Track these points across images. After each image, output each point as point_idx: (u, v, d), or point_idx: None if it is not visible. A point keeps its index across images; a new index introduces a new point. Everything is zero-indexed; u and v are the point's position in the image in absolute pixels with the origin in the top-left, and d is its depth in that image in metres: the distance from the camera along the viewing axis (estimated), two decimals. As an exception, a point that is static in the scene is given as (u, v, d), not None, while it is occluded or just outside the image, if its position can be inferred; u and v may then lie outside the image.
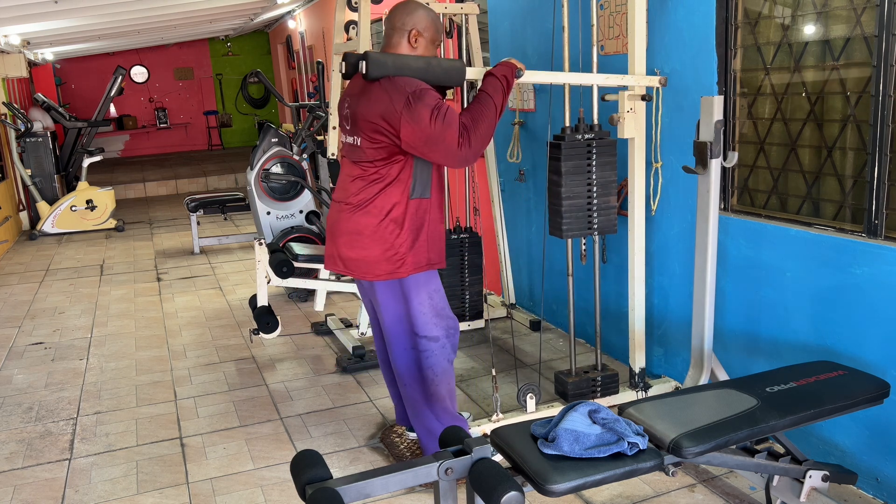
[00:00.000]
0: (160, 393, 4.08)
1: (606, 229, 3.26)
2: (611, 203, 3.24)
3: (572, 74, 3.11)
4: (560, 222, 3.18)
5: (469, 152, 2.56)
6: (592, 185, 3.19)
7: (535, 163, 4.67)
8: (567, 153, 3.11)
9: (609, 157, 3.20)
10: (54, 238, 8.72)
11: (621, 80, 3.11)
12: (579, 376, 3.38)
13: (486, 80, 2.72)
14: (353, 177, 2.75)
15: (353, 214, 2.73)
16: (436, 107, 2.52)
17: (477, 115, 2.60)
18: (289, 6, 10.47)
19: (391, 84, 2.57)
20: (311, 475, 1.90)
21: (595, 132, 3.18)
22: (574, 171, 3.14)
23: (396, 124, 2.53)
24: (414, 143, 2.55)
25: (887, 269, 2.56)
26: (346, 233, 2.76)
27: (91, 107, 14.27)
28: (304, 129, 6.36)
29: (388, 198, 2.68)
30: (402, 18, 2.70)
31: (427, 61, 2.65)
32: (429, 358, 2.86)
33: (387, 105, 2.54)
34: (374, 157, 2.66)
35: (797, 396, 2.31)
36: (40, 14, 6.62)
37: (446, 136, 2.51)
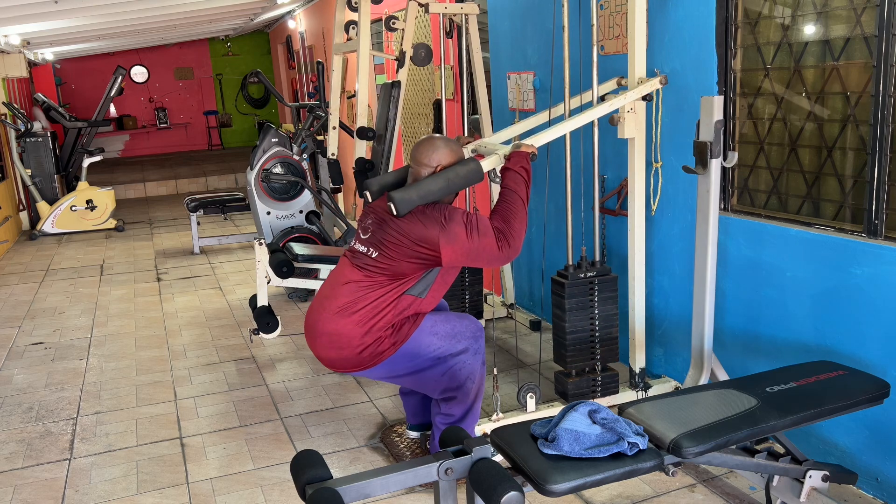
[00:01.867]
0: (160, 393, 4.08)
1: (609, 359, 3.41)
2: (613, 334, 3.39)
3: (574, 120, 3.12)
4: (564, 354, 3.33)
5: (510, 251, 2.72)
6: (595, 319, 3.34)
7: (536, 162, 4.66)
8: (570, 291, 3.26)
9: (611, 293, 3.34)
10: (54, 238, 8.72)
11: (623, 102, 3.10)
12: (579, 376, 3.38)
13: (506, 175, 2.85)
14: (348, 281, 2.77)
15: (335, 316, 2.74)
16: (468, 222, 2.67)
17: (508, 215, 2.76)
18: (289, 6, 10.47)
19: (422, 214, 2.68)
20: (311, 475, 1.90)
21: (597, 269, 3.31)
22: (577, 307, 3.29)
23: (436, 248, 2.64)
24: (457, 260, 2.69)
25: (887, 269, 2.57)
26: (324, 333, 2.77)
27: (91, 107, 14.26)
28: (304, 129, 6.36)
29: (377, 305, 2.70)
30: (429, 155, 2.80)
31: (446, 178, 2.74)
32: (463, 368, 2.85)
33: (422, 233, 2.65)
34: (387, 271, 2.70)
35: (797, 396, 2.31)
36: (40, 14, 6.62)
37: (486, 245, 2.68)
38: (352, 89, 7.71)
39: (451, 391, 2.87)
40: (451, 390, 2.87)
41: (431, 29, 5.93)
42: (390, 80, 5.04)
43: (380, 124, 4.55)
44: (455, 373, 2.84)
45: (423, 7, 4.33)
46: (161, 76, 16.18)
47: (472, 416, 2.95)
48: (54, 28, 7.93)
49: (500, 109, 4.95)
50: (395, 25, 4.69)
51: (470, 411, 2.93)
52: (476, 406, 2.95)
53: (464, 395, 2.88)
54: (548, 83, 4.34)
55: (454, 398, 2.89)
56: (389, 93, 4.42)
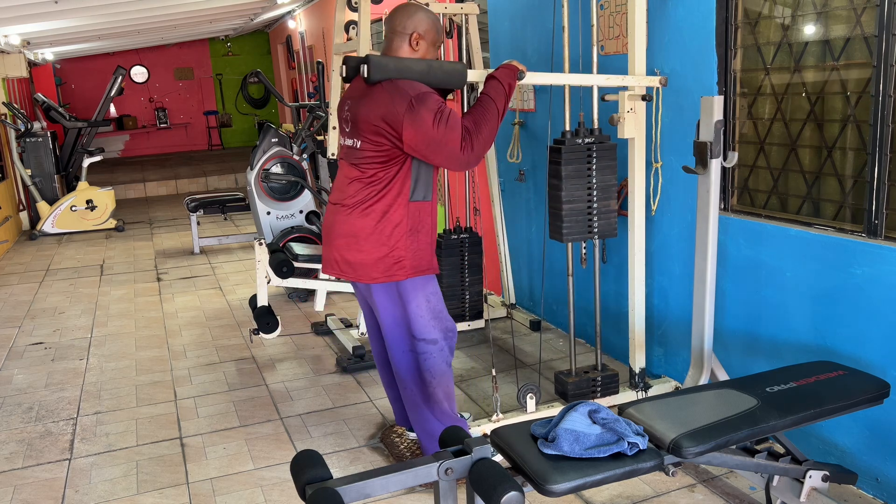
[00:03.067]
0: (160, 393, 4.08)
1: (607, 233, 3.27)
2: (611, 207, 3.24)
3: (573, 76, 3.11)
4: (560, 226, 3.19)
5: (472, 155, 2.57)
6: (593, 189, 3.19)
7: (535, 163, 4.67)
8: (567, 157, 3.12)
9: (609, 161, 3.20)
10: (54, 238, 8.72)
11: (622, 81, 3.11)
12: (579, 376, 3.38)
13: (488, 83, 2.72)
14: (351, 179, 2.73)
15: (350, 217, 2.71)
16: (438, 110, 2.53)
17: (479, 118, 2.61)
18: (289, 6, 10.47)
19: (393, 87, 2.57)
20: (311, 475, 1.90)
21: (595, 136, 3.18)
22: (574, 175, 3.14)
23: (399, 127, 2.53)
24: (416, 146, 2.56)
25: (887, 269, 2.56)
26: (342, 235, 2.74)
27: (91, 107, 14.27)
28: (304, 129, 6.36)
29: (387, 200, 2.66)
30: (403, 21, 2.70)
31: (428, 64, 2.65)
32: (427, 360, 2.85)
33: (389, 107, 2.54)
34: (373, 159, 2.64)
35: (797, 396, 2.31)
36: (40, 14, 6.62)
37: (449, 140, 2.52)
38: (352, 89, 7.69)
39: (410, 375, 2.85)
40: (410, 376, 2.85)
41: (431, 29, 5.92)
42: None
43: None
44: (418, 360, 2.83)
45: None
46: (161, 76, 16.18)
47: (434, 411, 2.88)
48: (54, 28, 7.93)
49: (500, 109, 4.94)
50: (395, 25, 4.69)
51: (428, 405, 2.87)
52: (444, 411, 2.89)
53: (421, 387, 2.86)
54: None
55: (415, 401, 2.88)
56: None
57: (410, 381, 2.89)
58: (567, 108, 3.27)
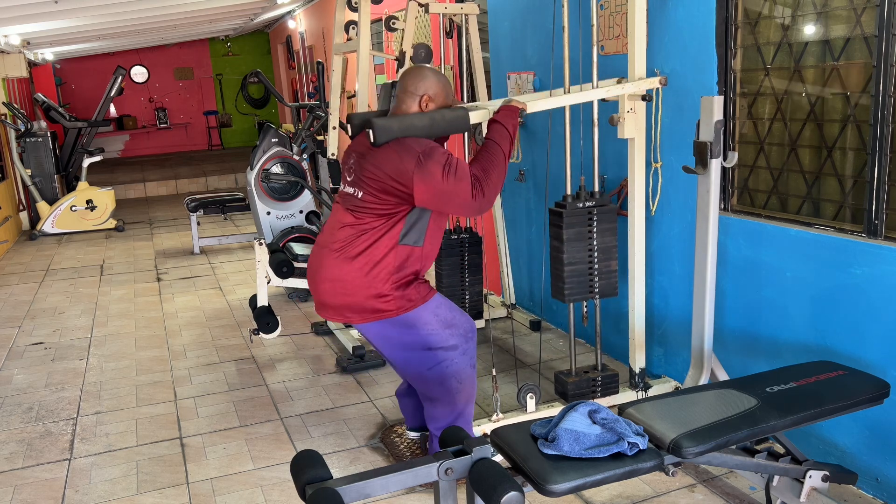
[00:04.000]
0: (160, 393, 4.08)
1: (607, 293, 3.34)
2: (611, 267, 3.31)
3: (572, 96, 3.10)
4: (562, 287, 3.26)
5: (483, 202, 2.61)
6: (594, 251, 3.27)
7: (535, 163, 4.67)
8: (569, 221, 3.19)
9: (610, 224, 3.27)
10: (54, 238, 8.72)
11: (622, 90, 3.10)
12: (579, 376, 3.38)
13: (491, 127, 2.77)
14: (344, 224, 2.74)
15: (337, 261, 2.71)
16: (446, 163, 2.57)
17: (487, 164, 2.66)
18: (289, 6, 10.47)
19: (399, 145, 2.61)
20: (311, 475, 1.90)
21: (596, 199, 3.25)
22: (576, 237, 3.22)
23: (409, 183, 2.57)
24: (428, 200, 2.60)
25: (887, 269, 2.57)
26: (327, 280, 2.74)
27: (91, 107, 14.26)
28: (304, 129, 6.36)
29: (377, 247, 2.67)
30: (415, 83, 2.75)
31: (431, 118, 2.69)
32: (450, 366, 2.81)
33: (398, 165, 2.57)
34: (372, 211, 2.67)
35: (797, 396, 2.31)
36: (40, 14, 6.62)
37: (460, 190, 2.57)
38: (352, 89, 7.71)
39: (436, 387, 2.83)
40: (434, 387, 2.83)
41: (431, 29, 5.93)
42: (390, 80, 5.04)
43: (380, 124, 4.54)
44: (442, 369, 2.80)
45: (423, 7, 4.33)
46: (161, 76, 16.18)
47: (463, 421, 2.91)
48: (54, 28, 7.93)
49: (500, 109, 4.94)
50: (395, 25, 4.69)
51: (460, 416, 2.89)
52: (466, 412, 2.91)
53: (447, 394, 2.84)
54: (548, 83, 4.33)
55: (438, 399, 2.86)
56: (389, 93, 4.42)
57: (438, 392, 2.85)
58: (567, 113, 3.26)
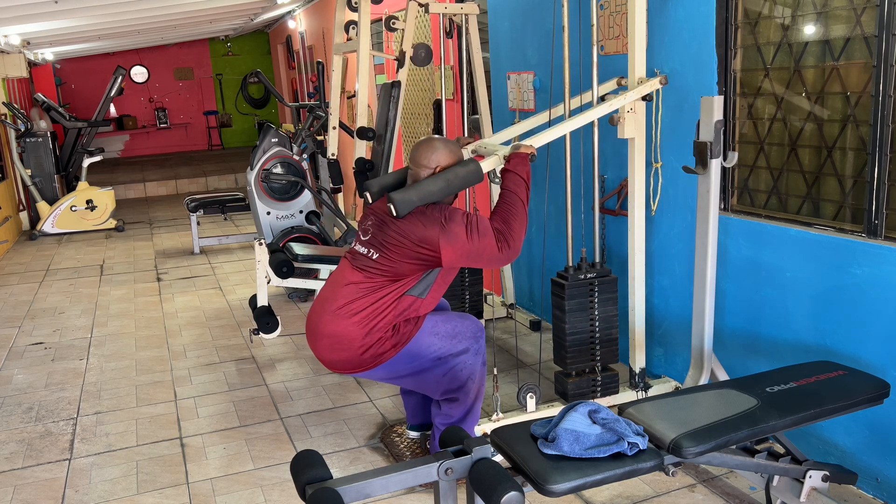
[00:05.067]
0: (160, 393, 4.08)
1: (609, 360, 3.40)
2: (613, 335, 3.38)
3: (574, 120, 3.12)
4: (565, 356, 3.32)
5: (510, 252, 2.72)
6: (595, 321, 3.33)
7: (536, 163, 4.66)
8: (570, 292, 3.26)
9: (611, 293, 3.34)
10: (54, 238, 8.72)
11: (623, 101, 3.10)
12: (579, 376, 3.38)
13: (505, 177, 2.85)
14: (349, 282, 2.77)
15: (335, 318, 2.74)
16: (468, 223, 2.67)
17: (507, 215, 2.76)
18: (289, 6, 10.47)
19: (422, 214, 2.69)
20: (311, 475, 1.90)
21: (597, 270, 3.31)
22: (577, 308, 3.29)
23: (437, 249, 2.64)
24: (456, 260, 2.68)
25: (887, 269, 2.56)
26: (325, 336, 2.77)
27: (91, 107, 14.26)
28: (304, 129, 6.36)
29: (381, 304, 2.71)
30: (428, 156, 2.81)
31: (445, 179, 2.75)
32: (465, 369, 2.85)
33: (422, 233, 2.65)
34: (387, 273, 2.70)
35: (797, 396, 2.31)
36: (40, 14, 6.62)
37: (486, 246, 2.68)
38: (352, 89, 7.71)
39: (452, 392, 2.88)
40: (453, 391, 2.87)
41: (431, 29, 5.93)
42: (390, 80, 5.04)
43: (380, 124, 4.55)
44: (456, 373, 2.84)
45: (423, 7, 4.33)
46: (161, 76, 16.18)
47: (472, 416, 2.95)
48: (54, 28, 7.93)
49: (500, 109, 4.95)
50: (395, 25, 4.69)
51: (470, 412, 2.93)
52: (476, 407, 2.95)
53: (465, 395, 2.88)
54: (548, 83, 4.34)
55: (455, 399, 2.89)
56: (389, 93, 4.42)
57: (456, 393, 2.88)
58: (568, 147, 3.26)
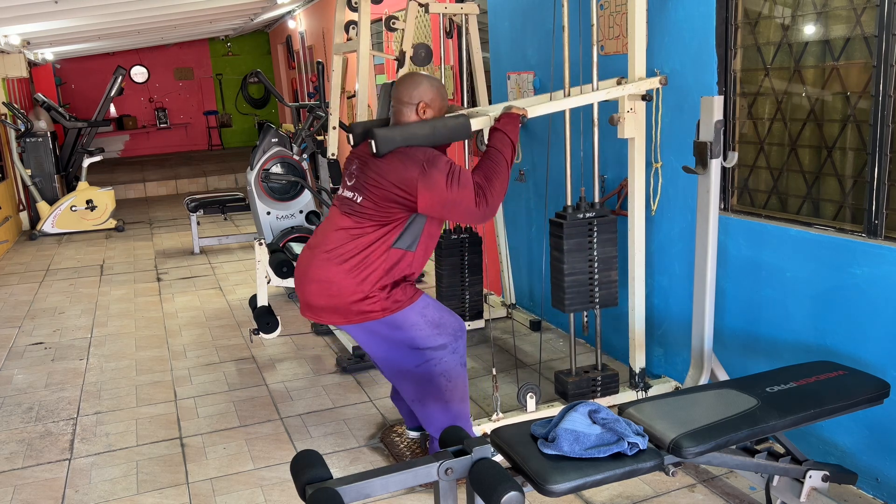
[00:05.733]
0: (160, 393, 4.08)
1: (608, 303, 3.34)
2: (612, 277, 3.32)
3: (572, 99, 3.11)
4: (563, 297, 3.27)
5: (487, 210, 2.64)
6: (594, 262, 3.28)
7: (535, 163, 4.67)
8: (569, 231, 3.20)
9: (610, 234, 3.28)
10: (54, 238, 8.72)
11: (622, 91, 3.10)
12: (579, 376, 3.38)
13: (493, 135, 2.79)
14: (339, 227, 2.75)
15: (327, 262, 2.72)
16: (450, 171, 2.60)
17: (490, 172, 2.69)
18: (289, 6, 10.47)
19: (403, 154, 2.63)
20: (311, 475, 1.90)
21: (596, 210, 3.26)
22: (576, 248, 3.23)
23: (413, 192, 2.59)
24: (432, 208, 2.62)
25: (887, 269, 2.56)
26: (315, 280, 2.74)
27: (91, 107, 14.26)
28: (304, 129, 6.36)
29: (369, 251, 2.68)
30: (409, 93, 2.76)
31: (432, 126, 2.70)
32: (438, 365, 2.82)
33: (401, 175, 2.59)
34: (371, 217, 2.68)
35: (797, 396, 2.31)
36: (40, 14, 6.62)
37: (463, 198, 2.60)
38: (352, 89, 7.71)
39: (422, 386, 2.83)
40: (423, 385, 2.83)
41: (431, 29, 5.93)
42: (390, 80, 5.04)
43: (380, 124, 4.55)
44: (430, 367, 2.81)
45: (423, 7, 4.33)
46: (161, 76, 16.18)
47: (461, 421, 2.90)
48: (54, 28, 7.93)
49: (500, 109, 4.94)
50: (395, 25, 4.69)
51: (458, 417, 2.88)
52: (462, 410, 2.90)
53: (437, 392, 2.84)
54: (548, 83, 4.34)
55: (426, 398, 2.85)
56: (389, 93, 4.42)
57: (424, 393, 2.85)
58: (567, 116, 3.26)
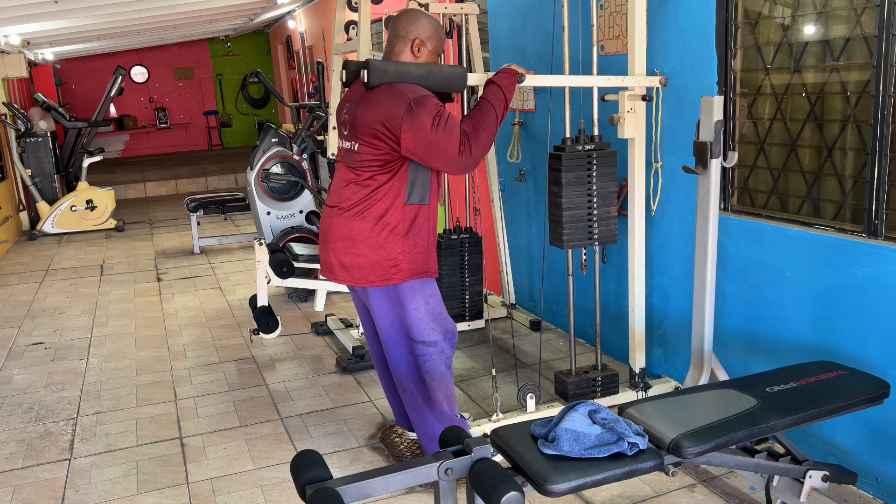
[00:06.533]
0: (160, 393, 4.08)
1: (607, 239, 3.28)
2: (611, 213, 3.25)
3: (572, 77, 3.11)
4: (561, 233, 3.20)
5: (469, 160, 2.56)
6: (593, 196, 3.21)
7: (535, 163, 4.67)
8: (567, 164, 3.13)
9: (609, 168, 3.21)
10: (54, 238, 8.72)
11: (622, 82, 3.11)
12: (579, 376, 3.38)
13: (488, 88, 2.72)
14: (347, 181, 2.73)
15: (347, 220, 2.71)
16: (437, 114, 2.52)
17: (478, 122, 2.61)
18: (289, 6, 10.47)
19: (392, 90, 2.57)
20: (311, 475, 1.90)
21: (595, 142, 3.19)
22: (575, 181, 3.15)
23: (397, 130, 2.53)
24: (414, 150, 2.55)
25: (887, 269, 2.57)
26: (339, 238, 2.73)
27: (91, 107, 14.28)
28: (304, 129, 6.36)
29: (383, 203, 2.65)
30: (406, 27, 2.70)
31: (428, 68, 2.65)
32: (426, 362, 2.84)
33: (387, 111, 2.54)
34: (370, 163, 2.65)
35: (797, 396, 2.31)
36: (40, 14, 6.62)
37: (447, 144, 2.52)
38: (352, 89, 7.70)
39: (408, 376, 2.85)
40: (409, 375, 2.84)
41: (431, 29, 5.92)
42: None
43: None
44: (418, 362, 2.82)
45: (423, 7, 4.33)
46: (161, 76, 16.18)
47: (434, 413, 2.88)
48: (54, 28, 7.93)
49: (500, 109, 4.94)
50: (395, 25, 4.69)
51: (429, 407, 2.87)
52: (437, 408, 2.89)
53: (421, 389, 2.85)
54: (548, 83, 4.33)
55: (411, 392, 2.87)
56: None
57: (410, 383, 2.88)
58: (567, 110, 3.27)
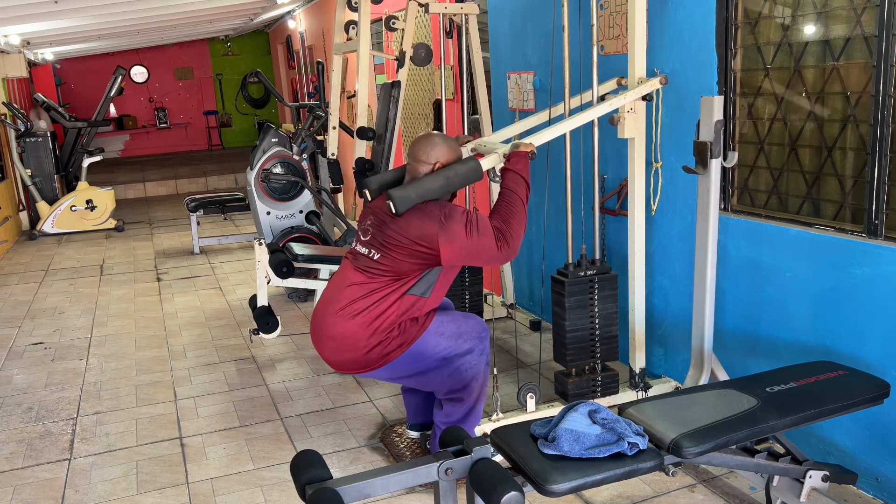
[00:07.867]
0: (160, 393, 4.08)
1: (609, 357, 3.39)
2: (612, 332, 3.37)
3: (575, 119, 3.12)
4: (565, 353, 3.32)
5: (509, 251, 2.71)
6: (595, 318, 3.33)
7: (535, 163, 4.66)
8: (571, 290, 3.25)
9: (611, 291, 3.33)
10: (54, 238, 8.72)
11: (623, 101, 3.10)
12: (579, 376, 3.38)
13: (506, 175, 2.84)
14: (351, 283, 2.77)
15: (340, 319, 2.75)
16: (467, 221, 2.66)
17: (507, 214, 2.75)
18: (289, 6, 10.47)
19: (420, 211, 2.68)
20: (311, 475, 1.90)
21: (597, 267, 3.30)
22: (577, 305, 3.28)
23: (435, 246, 2.63)
24: (455, 259, 2.68)
25: (887, 269, 2.56)
26: (330, 337, 2.78)
27: (91, 107, 14.25)
28: (304, 129, 6.35)
29: (383, 303, 2.71)
30: (427, 152, 2.81)
31: (445, 177, 2.75)
32: (470, 369, 2.86)
33: (421, 231, 2.64)
34: (386, 272, 2.71)
35: (797, 396, 2.31)
36: (40, 14, 6.62)
37: (484, 245, 2.67)
38: (352, 89, 7.71)
39: (455, 392, 2.88)
40: (456, 391, 2.88)
41: (431, 29, 5.93)
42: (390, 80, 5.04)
43: (380, 124, 4.55)
44: (461, 373, 2.84)
45: (423, 7, 4.33)
46: (161, 76, 16.18)
47: (474, 416, 2.96)
48: (54, 28, 7.93)
49: (500, 109, 4.95)
50: (395, 25, 4.69)
51: (471, 412, 2.93)
52: (478, 407, 2.96)
53: (468, 394, 2.89)
54: (548, 83, 4.34)
55: (459, 399, 2.90)
56: (389, 93, 4.42)
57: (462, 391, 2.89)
58: (568, 147, 3.26)
